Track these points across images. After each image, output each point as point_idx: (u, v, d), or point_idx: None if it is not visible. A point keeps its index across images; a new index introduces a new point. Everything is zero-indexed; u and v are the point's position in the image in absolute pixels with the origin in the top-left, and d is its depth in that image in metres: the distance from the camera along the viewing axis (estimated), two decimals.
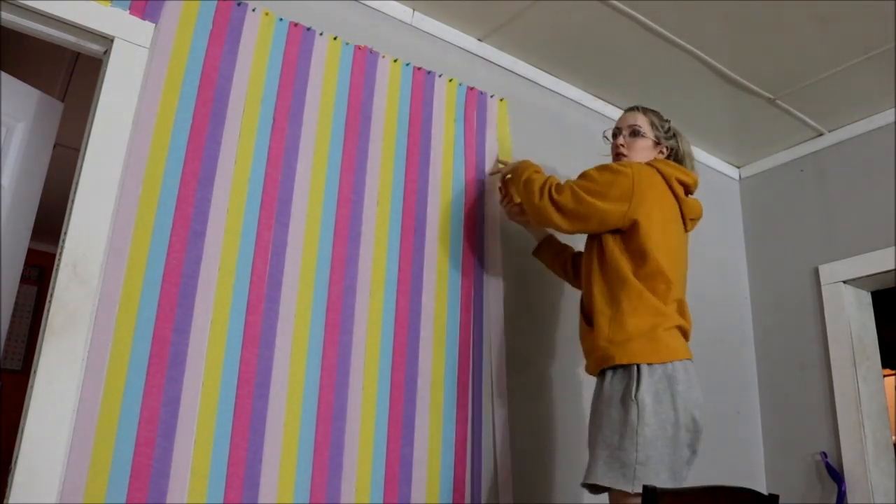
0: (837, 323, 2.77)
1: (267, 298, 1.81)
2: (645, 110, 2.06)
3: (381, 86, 2.19)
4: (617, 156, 2.04)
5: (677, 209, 1.91)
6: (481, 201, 2.29)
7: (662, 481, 1.62)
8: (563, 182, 1.93)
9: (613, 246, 1.84)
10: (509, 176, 2.18)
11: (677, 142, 2.03)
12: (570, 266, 2.19)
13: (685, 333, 1.84)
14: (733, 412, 2.89)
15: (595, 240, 1.91)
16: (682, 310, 1.84)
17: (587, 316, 1.88)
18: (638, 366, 1.70)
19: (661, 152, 2.01)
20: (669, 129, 2.03)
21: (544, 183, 1.93)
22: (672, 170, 1.91)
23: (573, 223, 1.88)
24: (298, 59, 2.05)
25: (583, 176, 1.92)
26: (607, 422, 1.70)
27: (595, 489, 1.72)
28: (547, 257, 2.24)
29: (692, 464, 1.77)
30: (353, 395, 1.87)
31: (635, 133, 2.01)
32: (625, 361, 1.72)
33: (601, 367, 1.79)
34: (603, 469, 1.66)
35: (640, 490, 1.57)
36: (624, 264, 1.81)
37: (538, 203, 1.91)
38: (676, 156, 2.02)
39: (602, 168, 1.90)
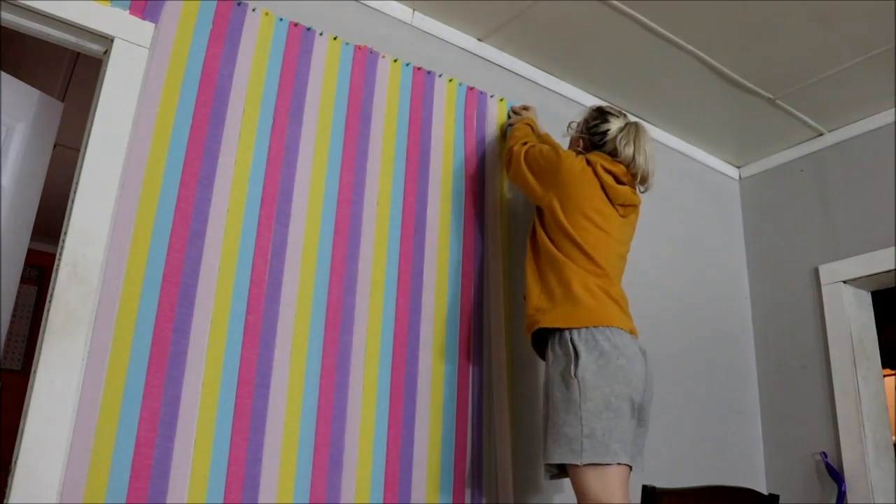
0: (837, 323, 2.77)
1: (267, 298, 1.81)
2: (589, 110, 2.17)
3: (381, 86, 2.19)
4: None
5: (603, 195, 1.97)
6: (481, 201, 2.29)
7: (614, 452, 1.65)
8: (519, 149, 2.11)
9: (538, 225, 2.00)
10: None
11: (606, 135, 2.06)
12: None
13: (619, 306, 1.88)
14: (733, 412, 2.89)
15: (532, 223, 2.07)
16: (612, 285, 1.89)
17: (525, 292, 1.99)
18: (571, 338, 1.75)
19: (578, 145, 2.12)
20: (592, 127, 2.09)
21: (511, 152, 2.14)
22: (598, 158, 2.00)
23: (514, 181, 2.14)
24: (298, 59, 2.05)
25: (540, 150, 2.07)
26: (552, 401, 1.76)
27: (553, 474, 1.77)
28: None
29: (645, 437, 1.82)
30: (353, 395, 1.87)
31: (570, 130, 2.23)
32: (549, 325, 1.81)
33: (530, 332, 1.90)
34: (552, 447, 1.71)
35: (588, 461, 1.64)
36: (546, 240, 1.94)
37: (505, 158, 2.21)
38: (603, 147, 2.05)
39: (552, 150, 2.04)
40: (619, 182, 1.99)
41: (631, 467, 1.72)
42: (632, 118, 2.12)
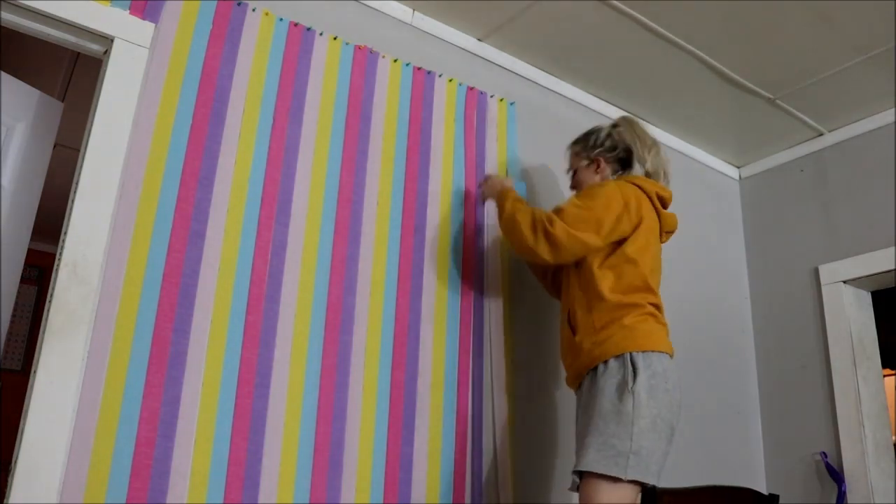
0: (837, 323, 2.77)
1: (267, 298, 1.81)
2: (574, 143, 2.12)
3: (381, 86, 2.19)
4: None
5: (657, 223, 1.95)
6: (481, 200, 2.28)
7: (652, 473, 1.66)
8: (544, 215, 1.88)
9: (595, 261, 1.87)
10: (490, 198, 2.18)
11: (616, 139, 2.02)
12: (551, 274, 2.18)
13: (665, 328, 1.88)
14: (733, 412, 2.89)
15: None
16: (660, 312, 1.89)
17: (573, 328, 1.89)
18: (632, 357, 1.73)
19: (598, 166, 2.02)
20: (595, 139, 2.04)
21: (533, 220, 1.88)
22: (651, 185, 1.95)
23: (561, 257, 1.86)
24: (298, 59, 2.05)
25: (574, 206, 1.88)
26: (600, 411, 1.71)
27: (577, 485, 1.72)
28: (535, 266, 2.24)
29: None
30: (353, 395, 1.87)
31: (574, 173, 2.11)
32: (616, 353, 1.75)
33: (588, 369, 1.81)
34: (594, 456, 1.66)
35: (632, 477, 1.62)
36: (601, 277, 1.84)
37: (531, 244, 1.86)
38: (623, 153, 2.01)
39: (590, 196, 1.88)
40: (664, 205, 1.98)
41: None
42: (616, 115, 2.11)
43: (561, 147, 2.64)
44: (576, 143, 2.13)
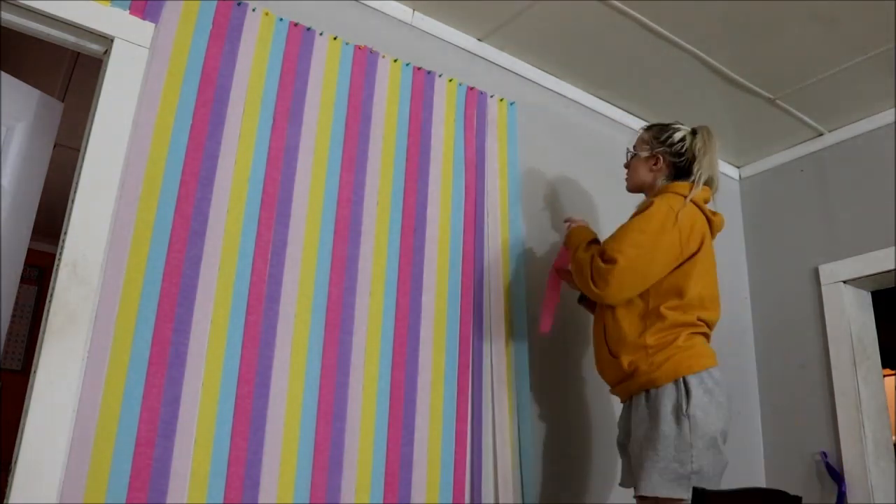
0: (837, 323, 2.77)
1: (267, 298, 1.81)
2: (648, 128, 2.09)
3: (381, 86, 2.19)
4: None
5: (709, 233, 1.95)
6: (481, 201, 2.29)
7: (715, 485, 1.73)
8: (604, 256, 1.85)
9: None
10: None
11: (686, 148, 1.98)
12: None
13: (708, 338, 1.91)
14: (733, 412, 2.88)
15: None
16: (706, 325, 1.90)
17: (610, 347, 1.90)
18: (685, 379, 1.76)
19: (655, 162, 2.00)
20: (668, 138, 2.00)
21: (591, 266, 1.87)
22: (700, 194, 1.93)
23: (624, 298, 1.86)
24: (298, 59, 2.05)
25: (626, 242, 1.83)
26: (658, 436, 1.75)
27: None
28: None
29: None
30: (353, 395, 1.87)
31: (632, 156, 2.07)
32: (670, 379, 1.77)
33: (642, 390, 1.82)
34: (658, 480, 1.72)
35: None
36: (658, 296, 1.84)
37: (596, 293, 1.85)
38: (685, 163, 1.97)
39: (644, 229, 1.84)
40: (714, 212, 1.97)
41: None
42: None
43: (562, 147, 2.65)
44: (649, 128, 2.07)
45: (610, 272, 1.80)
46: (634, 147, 2.08)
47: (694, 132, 2.01)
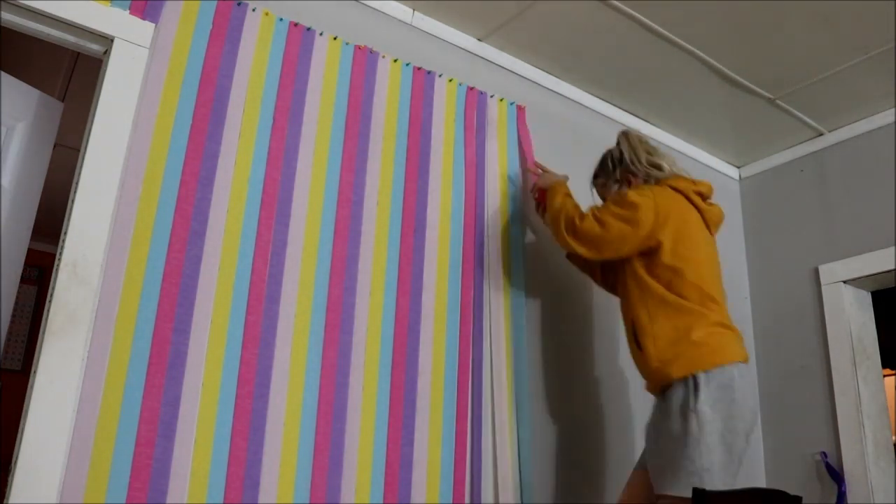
0: (837, 323, 2.77)
1: (267, 298, 1.81)
2: (595, 178, 2.16)
3: (381, 86, 2.19)
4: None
5: (700, 219, 1.95)
6: (482, 200, 2.29)
7: (728, 484, 1.70)
8: (586, 212, 1.98)
9: (643, 268, 1.90)
10: (540, 187, 2.23)
11: (636, 153, 2.05)
12: (600, 271, 2.23)
13: (735, 333, 1.88)
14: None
15: (625, 264, 1.96)
16: (725, 311, 1.89)
17: (636, 339, 1.91)
18: (694, 376, 1.74)
19: (629, 182, 2.04)
20: (605, 162, 2.09)
21: (569, 216, 1.99)
22: (685, 183, 1.97)
23: (594, 251, 1.96)
24: (298, 59, 2.05)
25: (607, 206, 1.98)
26: (668, 433, 1.75)
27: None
28: (578, 261, 2.27)
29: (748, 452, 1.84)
30: (353, 395, 1.87)
31: (603, 198, 2.14)
32: (681, 375, 1.76)
33: (662, 386, 1.83)
34: (669, 479, 1.71)
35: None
36: (655, 284, 1.87)
37: (562, 237, 2.01)
38: (656, 166, 2.03)
39: (623, 198, 1.94)
40: (704, 198, 1.98)
41: None
42: (629, 122, 2.13)
43: (562, 147, 2.65)
44: (596, 177, 2.16)
45: (582, 218, 1.95)
46: (597, 194, 2.17)
47: (618, 142, 2.11)
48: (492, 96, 2.44)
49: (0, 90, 2.03)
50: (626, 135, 2.11)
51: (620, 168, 2.06)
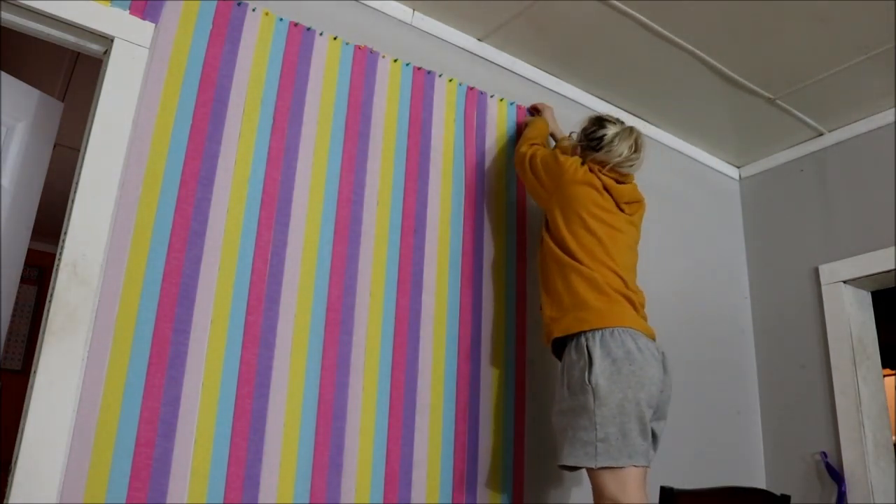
0: (837, 323, 2.77)
1: (267, 298, 1.81)
2: (588, 119, 2.20)
3: (381, 86, 2.19)
4: None
5: (608, 196, 2.00)
6: (481, 201, 2.29)
7: (627, 455, 1.70)
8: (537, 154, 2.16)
9: (545, 232, 2.04)
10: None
11: (603, 140, 2.07)
12: None
13: (632, 303, 1.90)
14: (733, 412, 2.89)
15: (539, 230, 2.13)
16: (625, 280, 1.91)
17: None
18: (588, 347, 1.77)
19: (576, 151, 2.13)
20: (590, 134, 2.11)
21: (521, 156, 2.21)
22: (599, 163, 2.04)
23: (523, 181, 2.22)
24: (298, 59, 2.05)
25: (542, 155, 2.14)
26: (566, 406, 1.78)
27: (569, 469, 1.80)
28: None
29: (662, 428, 1.86)
30: (353, 394, 1.87)
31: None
32: (561, 334, 1.85)
33: (548, 342, 1.94)
34: (568, 450, 1.74)
35: (603, 464, 1.68)
36: (552, 246, 1.97)
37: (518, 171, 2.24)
38: (599, 151, 2.07)
39: (552, 156, 2.09)
40: (619, 182, 2.02)
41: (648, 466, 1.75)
42: (629, 122, 2.14)
43: None
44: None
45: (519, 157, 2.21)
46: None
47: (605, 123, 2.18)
48: (492, 96, 2.44)
49: (0, 90, 2.03)
50: (623, 127, 2.13)
51: (582, 142, 2.13)
